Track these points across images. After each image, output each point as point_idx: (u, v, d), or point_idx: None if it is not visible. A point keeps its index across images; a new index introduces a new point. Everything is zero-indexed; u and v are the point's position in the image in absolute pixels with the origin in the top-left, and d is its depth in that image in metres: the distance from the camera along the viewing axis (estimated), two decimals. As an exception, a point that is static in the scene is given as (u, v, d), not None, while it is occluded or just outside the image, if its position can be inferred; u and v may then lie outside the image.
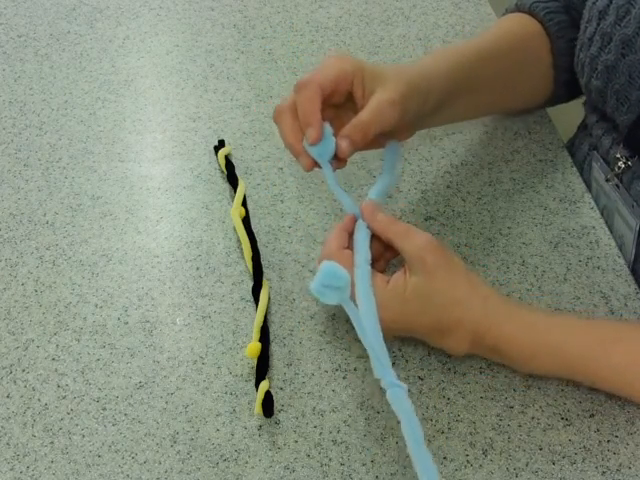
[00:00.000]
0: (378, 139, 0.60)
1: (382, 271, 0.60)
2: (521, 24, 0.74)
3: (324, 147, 0.57)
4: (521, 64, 0.72)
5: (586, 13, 0.69)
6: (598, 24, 0.66)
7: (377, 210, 0.59)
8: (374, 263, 0.57)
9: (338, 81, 0.57)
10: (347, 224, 0.60)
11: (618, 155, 0.66)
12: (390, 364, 0.52)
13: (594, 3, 0.68)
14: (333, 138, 0.57)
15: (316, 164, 0.58)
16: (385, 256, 0.61)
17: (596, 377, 0.56)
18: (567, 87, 0.75)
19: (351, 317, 0.54)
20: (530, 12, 0.74)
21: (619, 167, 0.66)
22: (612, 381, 0.56)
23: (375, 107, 0.57)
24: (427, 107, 0.63)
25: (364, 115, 0.57)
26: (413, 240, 0.56)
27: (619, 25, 0.64)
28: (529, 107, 0.79)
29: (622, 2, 0.64)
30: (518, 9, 0.76)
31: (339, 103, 0.60)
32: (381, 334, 0.53)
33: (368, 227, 0.59)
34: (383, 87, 0.58)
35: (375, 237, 0.59)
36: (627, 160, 0.65)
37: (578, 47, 0.70)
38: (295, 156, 0.59)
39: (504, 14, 0.78)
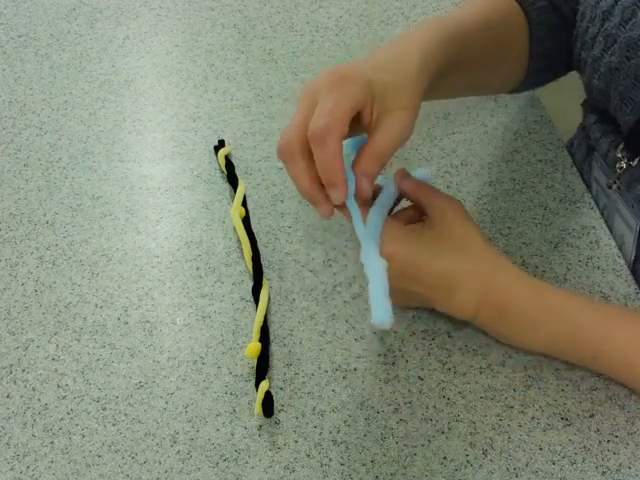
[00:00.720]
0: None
1: None
2: (503, 5, 0.70)
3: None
4: (501, 44, 0.69)
5: (588, 12, 0.68)
6: (602, 25, 0.65)
7: (409, 176, 0.60)
8: None
9: (353, 116, 0.52)
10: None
11: (620, 155, 0.66)
12: (376, 245, 0.55)
13: (597, 2, 0.67)
14: (352, 175, 0.53)
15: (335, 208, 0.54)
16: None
17: (597, 351, 0.55)
18: (536, 74, 0.74)
19: (351, 210, 0.55)
20: None
21: (620, 167, 0.66)
22: (613, 357, 0.55)
23: (392, 133, 0.53)
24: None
25: (381, 146, 0.53)
26: (439, 197, 0.59)
27: (624, 27, 0.63)
28: (501, 91, 0.78)
29: (628, 4, 0.63)
30: None
31: None
32: (380, 227, 0.56)
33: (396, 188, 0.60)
34: (397, 103, 0.53)
35: (407, 209, 0.61)
36: (629, 160, 0.65)
37: (579, 46, 0.70)
38: (314, 205, 0.53)
39: None
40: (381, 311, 0.51)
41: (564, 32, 0.72)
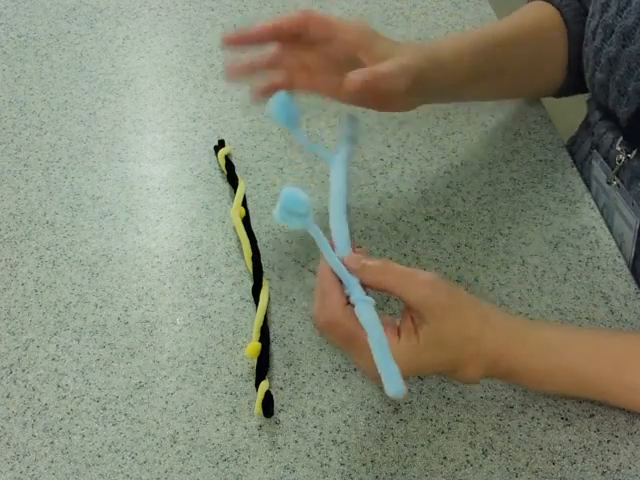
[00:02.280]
0: (378, 98, 0.62)
1: None
2: (541, 12, 0.74)
3: (287, 113, 0.59)
4: (540, 51, 0.73)
5: (591, 8, 0.70)
6: (601, 16, 0.66)
7: (363, 260, 0.52)
8: None
9: (341, 46, 0.61)
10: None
11: (618, 148, 0.66)
12: (357, 282, 0.51)
13: None
14: (295, 106, 0.59)
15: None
16: None
17: (608, 395, 0.55)
18: (578, 76, 0.75)
19: (317, 241, 0.51)
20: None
21: (619, 160, 0.66)
22: (624, 398, 0.55)
23: (392, 66, 0.59)
24: (443, 86, 0.65)
25: (382, 67, 0.59)
26: (413, 288, 0.51)
27: (620, 16, 0.64)
28: (543, 95, 0.81)
29: None
30: None
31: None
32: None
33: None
34: (400, 54, 0.61)
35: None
36: (627, 153, 0.65)
37: (584, 42, 0.70)
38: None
39: (528, 1, 0.78)
40: (394, 382, 0.48)
41: None
